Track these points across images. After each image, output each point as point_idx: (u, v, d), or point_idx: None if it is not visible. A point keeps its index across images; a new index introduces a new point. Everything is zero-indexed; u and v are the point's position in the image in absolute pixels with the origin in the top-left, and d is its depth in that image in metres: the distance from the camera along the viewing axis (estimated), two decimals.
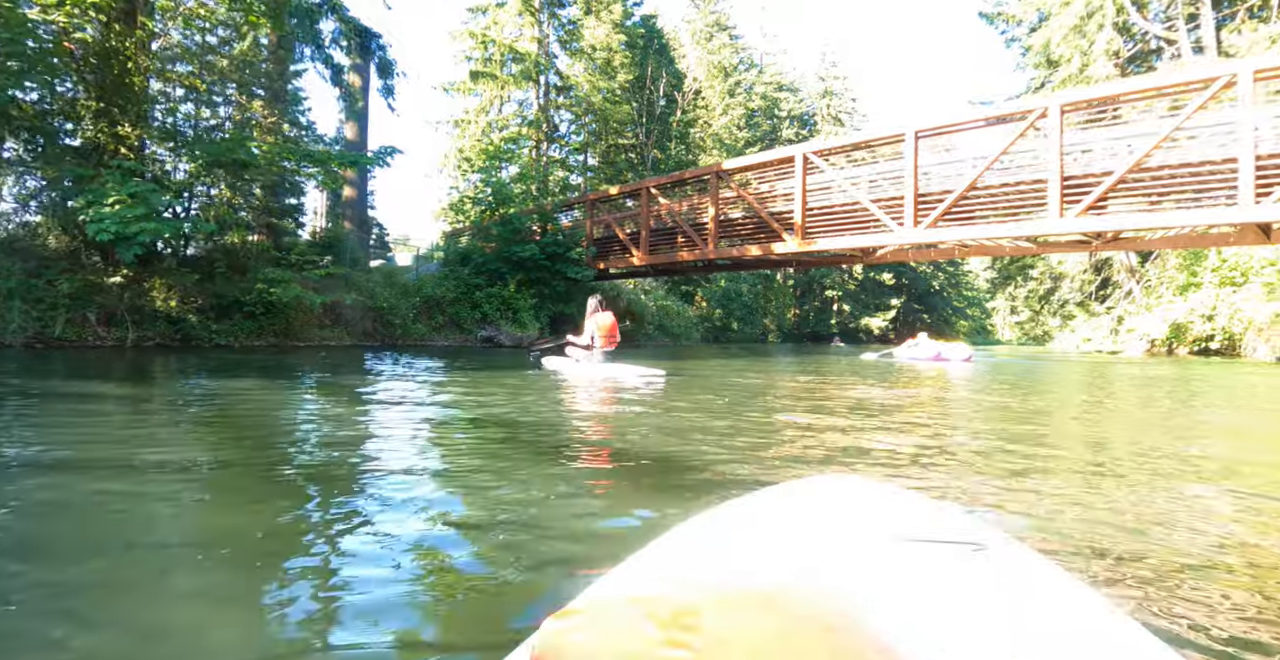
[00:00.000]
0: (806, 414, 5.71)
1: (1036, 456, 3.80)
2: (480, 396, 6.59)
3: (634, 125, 44.34)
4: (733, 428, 4.67)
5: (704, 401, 6.53)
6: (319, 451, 3.64)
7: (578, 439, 4.27)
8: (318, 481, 2.87)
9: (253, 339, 15.87)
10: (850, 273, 65.20)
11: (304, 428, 4.57)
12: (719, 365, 13.92)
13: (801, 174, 15.99)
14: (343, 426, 4.54)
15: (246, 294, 15.52)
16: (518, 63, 39.32)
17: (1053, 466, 3.51)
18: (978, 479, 3.13)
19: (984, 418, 5.92)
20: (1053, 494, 2.85)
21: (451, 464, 3.34)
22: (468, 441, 4.05)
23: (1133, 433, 5.18)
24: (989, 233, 13.55)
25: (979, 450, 3.98)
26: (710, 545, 0.76)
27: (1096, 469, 3.49)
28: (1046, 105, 12.61)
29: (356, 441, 3.94)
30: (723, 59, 51.76)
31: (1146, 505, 2.68)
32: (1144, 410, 6.88)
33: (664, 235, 20.28)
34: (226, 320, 15.63)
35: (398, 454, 3.53)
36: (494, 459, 3.47)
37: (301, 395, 6.57)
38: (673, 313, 35.74)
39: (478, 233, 24.58)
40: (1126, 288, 36.12)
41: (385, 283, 20.41)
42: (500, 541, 2.07)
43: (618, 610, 0.52)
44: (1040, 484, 3.04)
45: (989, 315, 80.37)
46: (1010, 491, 2.88)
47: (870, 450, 3.86)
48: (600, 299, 9.69)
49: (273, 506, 2.48)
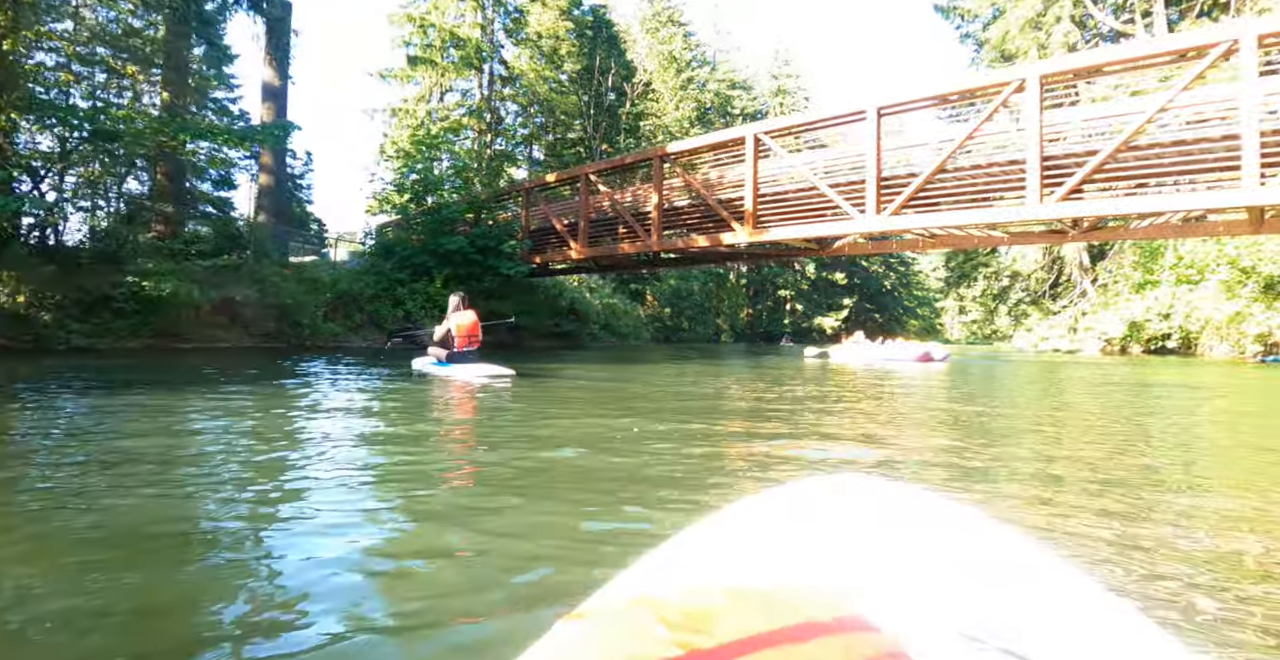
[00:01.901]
0: (740, 442, 4.21)
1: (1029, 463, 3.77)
2: (311, 416, 4.88)
3: (582, 118, 42.76)
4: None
5: (595, 428, 4.91)
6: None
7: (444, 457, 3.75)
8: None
9: (126, 340, 13.75)
10: (803, 272, 64.85)
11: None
12: (655, 370, 12.32)
13: (753, 156, 14.45)
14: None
15: (118, 288, 13.40)
16: (459, 49, 37.47)
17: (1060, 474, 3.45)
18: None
19: (980, 430, 5.01)
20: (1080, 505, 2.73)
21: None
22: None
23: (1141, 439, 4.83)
24: (960, 219, 12.15)
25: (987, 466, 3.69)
26: (720, 546, 0.74)
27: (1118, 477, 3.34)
28: (1024, 76, 11.25)
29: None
30: (673, 49, 50.37)
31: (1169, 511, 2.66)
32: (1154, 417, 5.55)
33: (604, 226, 18.61)
34: (93, 319, 13.48)
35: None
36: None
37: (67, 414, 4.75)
38: (620, 312, 34.09)
39: (404, 224, 22.60)
40: (1080, 286, 35.59)
41: (296, 278, 18.32)
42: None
43: (628, 613, 0.52)
44: (1058, 493, 2.96)
45: (938, 315, 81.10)
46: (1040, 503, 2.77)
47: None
48: (463, 297, 9.16)
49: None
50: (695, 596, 0.54)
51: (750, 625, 0.49)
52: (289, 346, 16.41)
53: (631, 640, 0.48)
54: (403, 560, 1.98)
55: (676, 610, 0.51)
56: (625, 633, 0.49)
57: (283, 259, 20.13)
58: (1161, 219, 12.04)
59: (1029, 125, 11.14)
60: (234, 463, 3.35)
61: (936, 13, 40.20)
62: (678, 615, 0.50)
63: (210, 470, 3.18)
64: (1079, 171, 10.70)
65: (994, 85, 11.71)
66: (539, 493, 2.81)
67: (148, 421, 4.55)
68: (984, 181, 12.09)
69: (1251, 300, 24.64)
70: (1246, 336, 24.65)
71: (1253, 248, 24.34)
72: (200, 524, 2.36)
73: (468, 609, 1.63)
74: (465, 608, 1.63)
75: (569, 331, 27.34)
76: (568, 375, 10.37)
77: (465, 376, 8.20)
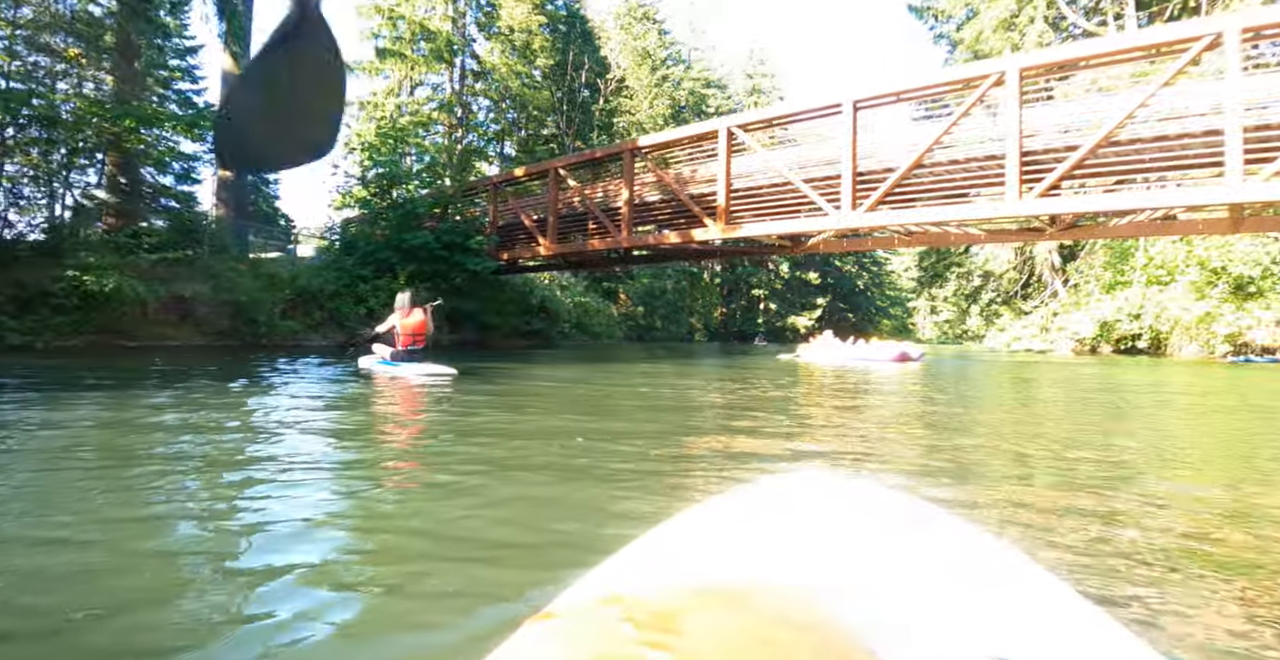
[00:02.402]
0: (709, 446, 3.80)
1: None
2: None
3: (555, 113, 42.15)
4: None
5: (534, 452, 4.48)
6: None
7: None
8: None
9: (67, 338, 13.01)
10: (777, 272, 64.73)
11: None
12: (622, 370, 11.86)
13: (726, 150, 14.04)
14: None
15: (56, 283, 12.66)
16: (429, 42, 36.78)
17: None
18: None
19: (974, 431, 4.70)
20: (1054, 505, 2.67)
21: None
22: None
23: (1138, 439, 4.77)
24: (936, 215, 11.83)
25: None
26: (688, 545, 0.75)
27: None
28: (1003, 69, 10.94)
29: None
30: (647, 45, 49.95)
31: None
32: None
33: (574, 222, 18.11)
34: (30, 316, 12.72)
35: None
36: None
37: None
38: (592, 310, 33.57)
39: (369, 219, 21.90)
40: (1051, 287, 35.70)
41: (252, 273, 17.58)
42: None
43: (596, 612, 0.52)
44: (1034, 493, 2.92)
45: (911, 314, 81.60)
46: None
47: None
48: (411, 296, 9.10)
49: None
50: (664, 595, 0.53)
51: (718, 624, 0.49)
52: (243, 345, 15.72)
53: (599, 639, 0.47)
54: (362, 564, 1.95)
55: (645, 609, 0.50)
56: (593, 632, 0.48)
57: (241, 254, 19.35)
58: (1140, 216, 11.80)
59: (1008, 119, 10.84)
60: (134, 467, 3.06)
61: (910, 13, 40.15)
62: (646, 614, 0.49)
63: (113, 475, 2.92)
64: (1059, 167, 10.41)
65: (973, 78, 11.40)
66: (486, 493, 2.74)
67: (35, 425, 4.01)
68: (961, 177, 11.79)
69: (1221, 301, 24.73)
70: (1216, 337, 24.73)
71: (1223, 248, 24.43)
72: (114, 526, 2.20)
73: (432, 610, 1.60)
74: (429, 609, 1.61)
75: (539, 330, 26.79)
76: (524, 374, 9.95)
77: (406, 374, 8.18)
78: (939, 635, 0.58)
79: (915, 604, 0.62)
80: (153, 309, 14.64)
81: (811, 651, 0.48)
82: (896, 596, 0.63)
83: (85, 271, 12.56)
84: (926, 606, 0.62)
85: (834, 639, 0.52)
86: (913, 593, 0.64)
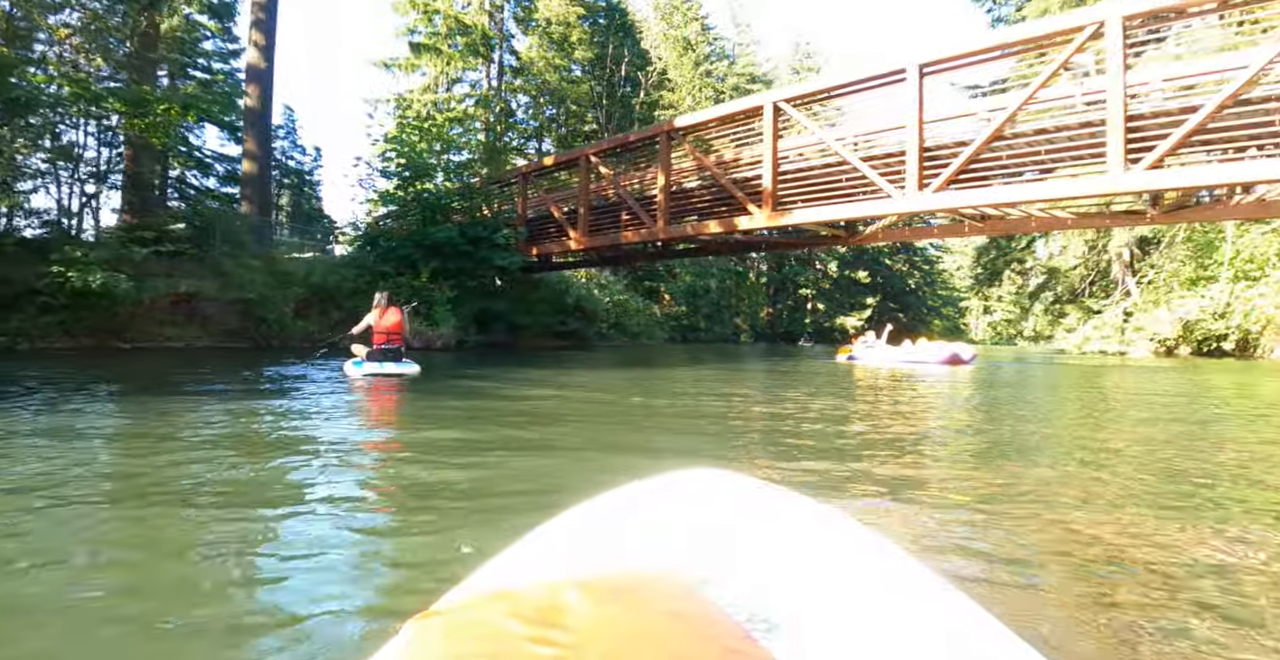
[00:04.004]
0: None
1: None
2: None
3: (594, 108, 41.01)
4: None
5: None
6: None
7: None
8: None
9: (55, 339, 12.06)
10: (825, 271, 62.81)
11: None
12: (651, 378, 10.47)
13: (772, 128, 12.52)
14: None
15: (42, 280, 11.69)
16: (465, 36, 35.99)
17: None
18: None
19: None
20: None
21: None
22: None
23: None
24: (1020, 195, 10.13)
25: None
26: (574, 541, 0.77)
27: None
28: (1102, 18, 9.21)
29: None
30: (688, 34, 48.52)
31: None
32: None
33: (606, 213, 16.72)
34: (16, 316, 11.78)
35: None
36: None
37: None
38: (632, 310, 32.11)
39: (398, 214, 20.79)
40: (1122, 284, 33.18)
41: (266, 270, 16.57)
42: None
43: (481, 609, 0.51)
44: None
45: (963, 315, 78.84)
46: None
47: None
48: (388, 294, 9.02)
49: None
50: (549, 591, 0.53)
51: (604, 617, 0.49)
52: (252, 347, 14.69)
53: (484, 637, 0.47)
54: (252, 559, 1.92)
55: (530, 605, 0.50)
56: (478, 630, 0.48)
57: (265, 252, 18.37)
58: (1276, 190, 9.93)
59: (1109, 77, 9.12)
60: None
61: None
62: (531, 610, 0.49)
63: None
64: (1175, 132, 8.67)
65: (1064, 31, 9.68)
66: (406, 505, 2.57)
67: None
68: (1047, 151, 10.11)
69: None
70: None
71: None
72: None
73: (315, 610, 1.56)
74: (313, 608, 1.57)
75: (575, 331, 25.50)
76: (525, 380, 8.66)
77: (373, 373, 8.20)
78: (818, 623, 0.61)
79: (796, 594, 0.64)
80: (156, 308, 13.67)
81: (696, 641, 0.48)
82: (779, 587, 0.65)
83: (70, 267, 11.55)
84: (806, 596, 0.64)
85: (718, 629, 0.52)
86: (794, 584, 0.66)
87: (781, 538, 0.75)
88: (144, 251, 13.03)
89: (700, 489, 0.85)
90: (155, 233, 14.25)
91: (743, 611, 0.61)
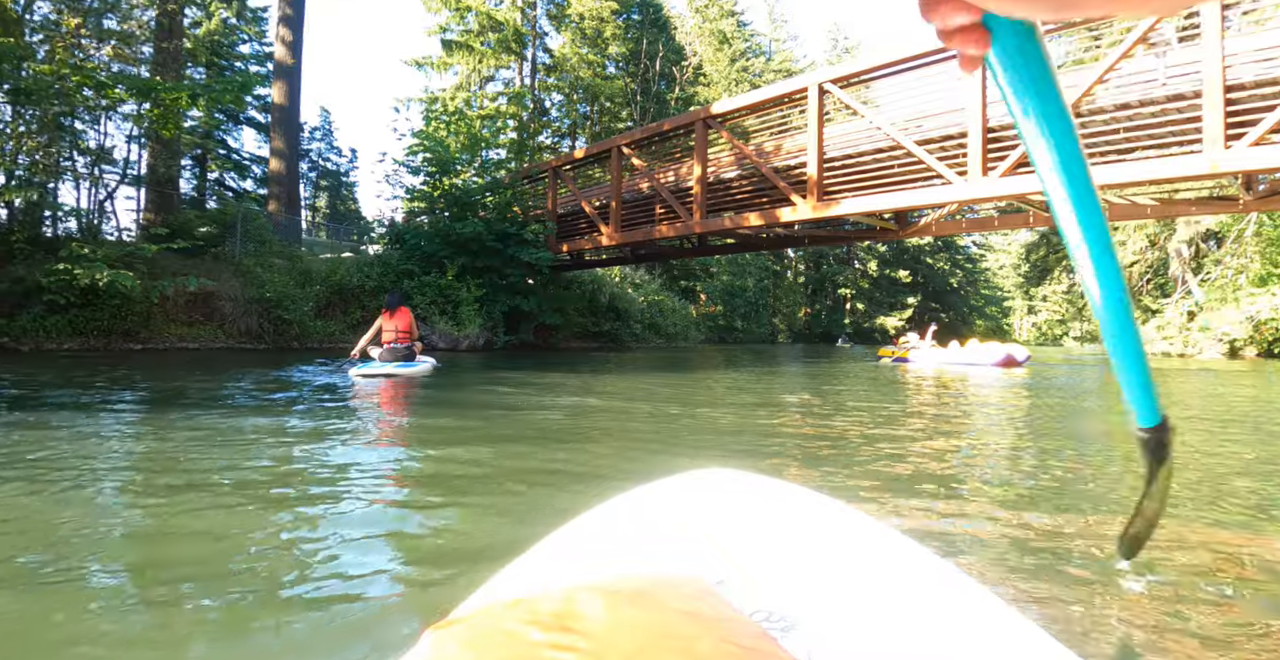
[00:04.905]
0: None
1: None
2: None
3: (629, 104, 40.28)
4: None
5: None
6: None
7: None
8: None
9: (64, 339, 11.57)
10: (865, 270, 61.37)
11: None
12: (685, 382, 9.62)
13: (817, 111, 11.59)
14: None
15: (48, 277, 11.20)
16: (497, 33, 35.60)
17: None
18: None
19: None
20: None
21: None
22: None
23: None
24: (1101, 178, 9.07)
25: None
26: (590, 544, 0.76)
27: None
28: None
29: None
30: (723, 27, 47.57)
31: None
32: None
33: (639, 207, 15.89)
34: (22, 315, 11.31)
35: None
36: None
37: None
38: (667, 310, 31.23)
39: (422, 211, 20.19)
40: (1182, 283, 31.47)
41: (289, 269, 16.04)
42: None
43: (499, 616, 0.51)
44: None
45: (1007, 315, 76.68)
46: None
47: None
48: (397, 295, 9.03)
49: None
50: (567, 596, 0.52)
51: (622, 620, 0.48)
52: (271, 348, 14.13)
53: (503, 645, 0.46)
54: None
55: (548, 611, 0.49)
56: (496, 637, 0.48)
57: (290, 250, 17.88)
58: None
59: (1206, 42, 8.06)
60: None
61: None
62: (549, 616, 0.49)
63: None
64: None
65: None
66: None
67: None
68: (1126, 130, 9.07)
69: None
70: None
71: None
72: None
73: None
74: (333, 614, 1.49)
75: (608, 331, 24.76)
76: (558, 383, 7.80)
77: (386, 373, 8.01)
78: (837, 621, 0.60)
79: (814, 593, 0.63)
80: (170, 308, 13.16)
81: (715, 642, 0.48)
82: (796, 586, 0.64)
83: (76, 264, 11.03)
84: (824, 595, 0.63)
85: (737, 629, 0.51)
86: (811, 582, 0.65)
87: (798, 536, 0.74)
88: (154, 248, 12.50)
89: (714, 489, 0.84)
90: (170, 230, 13.75)
91: (761, 611, 0.60)
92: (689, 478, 0.88)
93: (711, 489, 0.84)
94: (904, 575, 0.68)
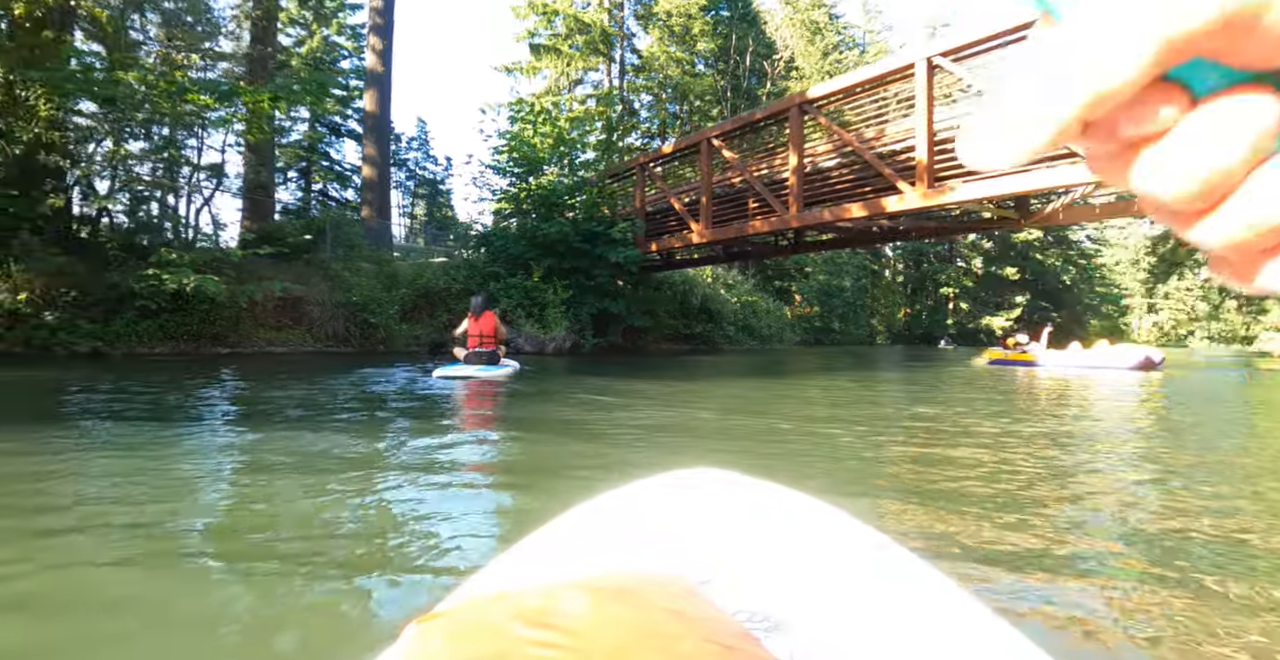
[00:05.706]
0: None
1: None
2: None
3: (719, 102, 39.48)
4: None
5: None
6: None
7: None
8: None
9: (154, 344, 11.66)
10: (969, 267, 58.41)
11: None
12: (777, 391, 8.79)
13: (926, 89, 10.54)
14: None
15: (140, 283, 11.29)
16: (584, 35, 35.54)
17: None
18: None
19: None
20: None
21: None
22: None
23: None
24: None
25: None
26: (576, 540, 0.76)
27: None
28: None
29: None
30: (815, 17, 46.05)
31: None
32: None
33: (731, 202, 15.05)
34: (116, 320, 11.44)
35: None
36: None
37: None
38: (761, 311, 30.17)
39: (510, 213, 19.90)
40: None
41: (379, 273, 15.97)
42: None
43: (483, 611, 0.50)
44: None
45: (1124, 314, 71.40)
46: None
47: None
48: (484, 297, 9.06)
49: None
50: (552, 591, 0.52)
51: (606, 617, 0.48)
52: (358, 352, 14.00)
53: (486, 639, 0.46)
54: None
55: (533, 606, 0.49)
56: (480, 631, 0.47)
57: (380, 255, 17.90)
58: None
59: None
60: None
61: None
62: (534, 611, 0.48)
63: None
64: None
65: None
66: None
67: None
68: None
69: None
70: None
71: None
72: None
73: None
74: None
75: (700, 333, 23.99)
76: (645, 389, 7.16)
77: (470, 375, 8.11)
78: (821, 622, 0.60)
79: (799, 594, 0.64)
80: (259, 312, 13.18)
81: (698, 642, 0.47)
82: (781, 586, 0.64)
83: (164, 269, 11.07)
84: (809, 596, 0.63)
85: (720, 628, 0.51)
86: (796, 583, 0.65)
87: (784, 537, 0.74)
88: (240, 254, 12.55)
89: (701, 488, 0.84)
90: (259, 236, 13.83)
91: (744, 611, 0.61)
92: (676, 477, 0.86)
93: (698, 488, 0.84)
94: (889, 579, 0.67)
